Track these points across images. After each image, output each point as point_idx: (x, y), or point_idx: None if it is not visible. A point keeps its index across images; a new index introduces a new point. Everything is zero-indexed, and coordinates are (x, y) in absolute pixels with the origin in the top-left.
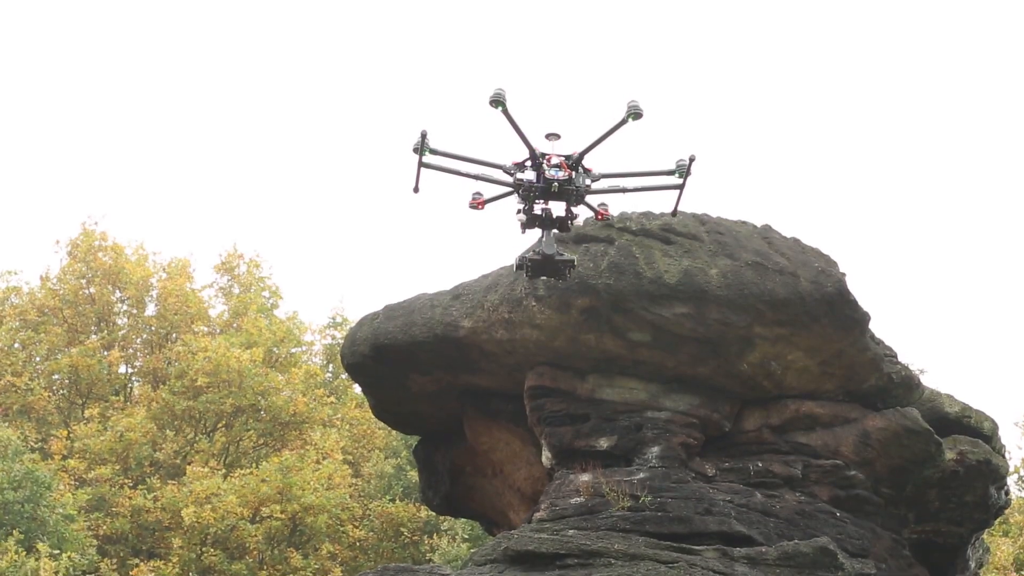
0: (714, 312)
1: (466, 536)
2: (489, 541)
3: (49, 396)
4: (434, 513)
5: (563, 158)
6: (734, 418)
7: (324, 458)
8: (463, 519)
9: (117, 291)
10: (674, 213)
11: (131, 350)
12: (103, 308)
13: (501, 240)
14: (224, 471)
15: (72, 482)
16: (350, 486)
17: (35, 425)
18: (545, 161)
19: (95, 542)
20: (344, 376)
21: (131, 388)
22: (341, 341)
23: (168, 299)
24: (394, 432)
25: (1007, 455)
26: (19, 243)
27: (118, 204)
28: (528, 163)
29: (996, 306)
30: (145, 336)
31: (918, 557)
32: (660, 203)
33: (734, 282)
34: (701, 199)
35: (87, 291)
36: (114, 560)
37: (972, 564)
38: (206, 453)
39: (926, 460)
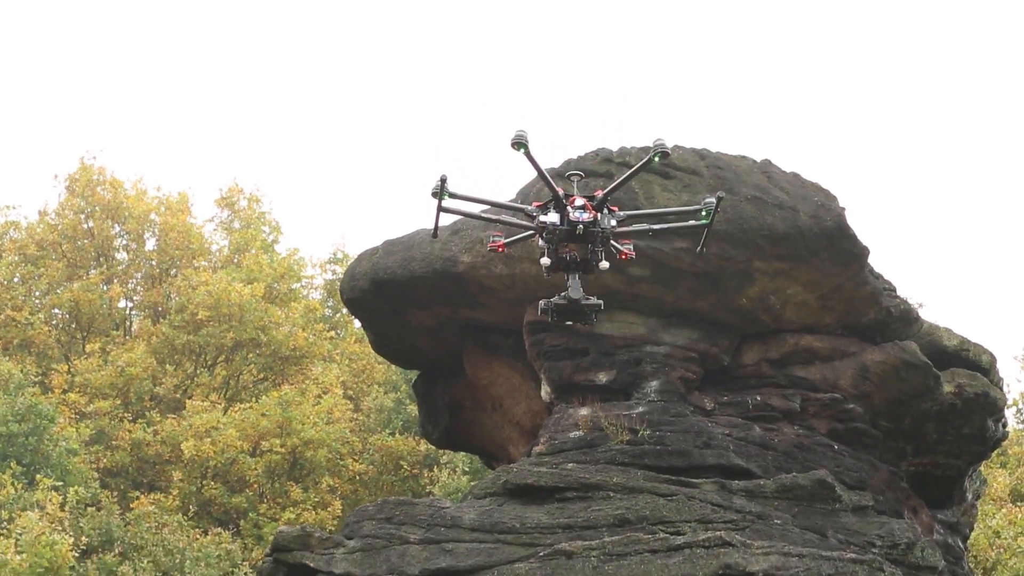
0: (714, 247)
1: (466, 469)
2: (489, 474)
3: (49, 330)
4: (434, 447)
5: (587, 199)
6: (733, 352)
7: (324, 392)
8: (462, 453)
9: (116, 226)
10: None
11: (131, 285)
12: (102, 243)
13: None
14: (224, 405)
15: (72, 416)
16: (350, 420)
17: (35, 359)
18: (569, 203)
19: (96, 475)
20: (344, 311)
21: (131, 323)
22: (342, 276)
23: (169, 234)
24: (394, 367)
25: (1005, 388)
26: (17, 177)
27: (117, 138)
28: (551, 204)
29: (996, 239)
30: (145, 271)
31: (915, 489)
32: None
33: (734, 216)
34: (700, 134)
35: (86, 226)
36: (115, 493)
37: (969, 495)
38: (206, 387)
39: (924, 393)
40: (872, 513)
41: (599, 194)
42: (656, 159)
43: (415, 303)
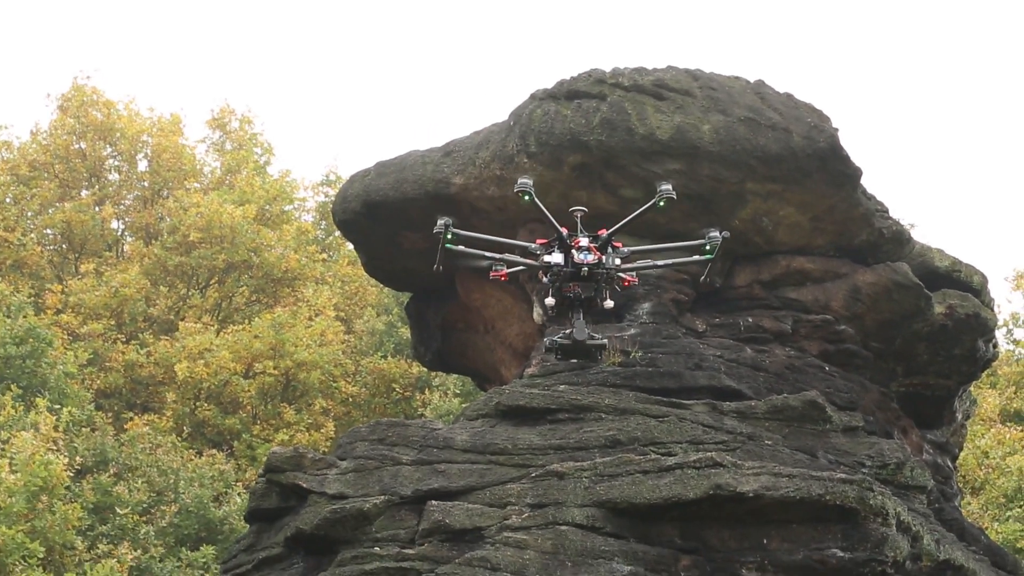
0: (706, 168)
1: (458, 391)
2: (481, 396)
3: (42, 251)
4: (426, 369)
5: (591, 239)
6: (725, 274)
7: (316, 315)
8: (455, 375)
9: (108, 147)
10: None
11: (123, 206)
12: (95, 164)
13: (494, 96)
14: (217, 327)
15: (66, 336)
16: (342, 342)
17: (28, 280)
18: (573, 243)
19: (90, 396)
20: (336, 233)
21: (124, 244)
22: (334, 198)
23: (161, 155)
24: (386, 289)
25: (996, 308)
26: (9, 97)
27: (109, 58)
28: (555, 243)
29: (988, 160)
30: (137, 192)
31: (906, 409)
32: (653, 58)
33: (726, 138)
34: (694, 55)
35: (78, 146)
36: (109, 414)
37: (959, 416)
38: (199, 309)
39: (915, 314)
40: (862, 433)
41: (603, 233)
42: (661, 203)
43: (407, 225)
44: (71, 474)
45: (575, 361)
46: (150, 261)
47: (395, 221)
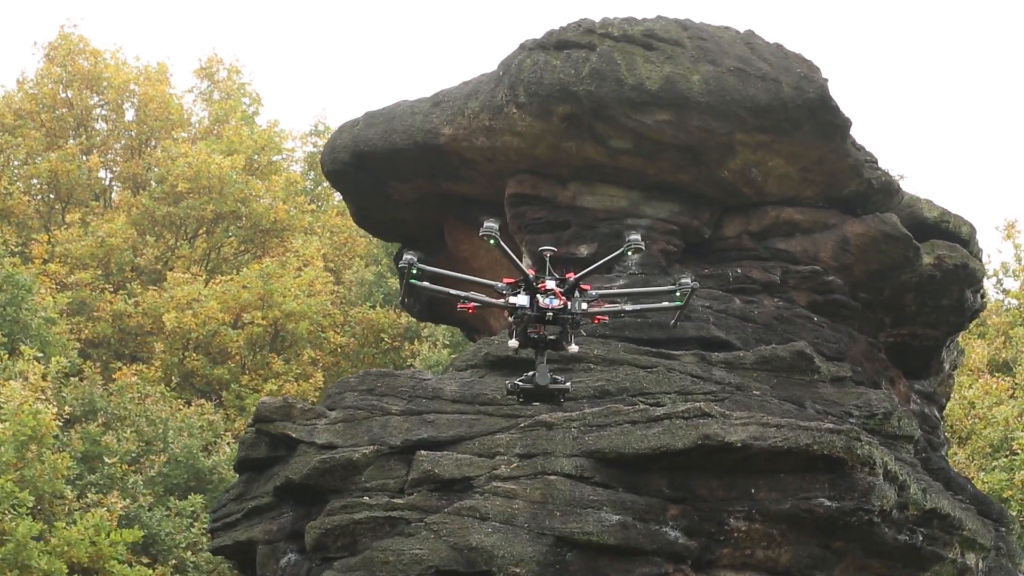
0: (696, 119)
1: (447, 342)
2: (470, 347)
3: (28, 200)
4: (415, 319)
5: (557, 282)
6: (714, 225)
7: (305, 265)
8: (444, 325)
9: (95, 96)
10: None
11: (110, 155)
12: (81, 113)
13: (483, 47)
14: (205, 277)
15: (53, 286)
16: (331, 293)
17: (15, 229)
18: (539, 286)
19: (77, 345)
20: (325, 184)
21: (111, 194)
22: (323, 149)
23: (148, 104)
24: (375, 239)
25: (985, 258)
26: None
27: (96, 7)
28: (522, 284)
29: (977, 110)
30: (124, 142)
31: (893, 360)
32: (642, 7)
33: (716, 88)
34: (683, 5)
35: (65, 95)
36: (97, 363)
37: (947, 366)
38: (187, 259)
39: (904, 265)
40: (850, 384)
41: (571, 277)
42: (629, 252)
43: (396, 176)
44: (60, 423)
45: (536, 403)
46: (138, 211)
47: (384, 171)
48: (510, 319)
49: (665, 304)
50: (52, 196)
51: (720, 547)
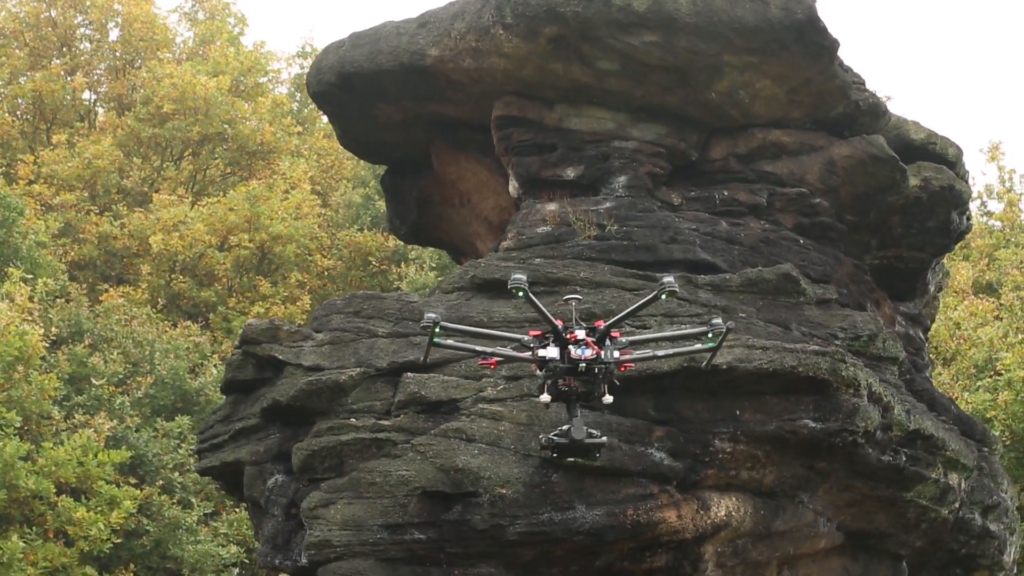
0: (683, 40)
1: (433, 265)
2: (456, 270)
3: (12, 121)
4: (402, 242)
5: (588, 332)
6: (701, 147)
7: (292, 188)
8: (430, 248)
9: (79, 15)
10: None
11: (95, 76)
12: (65, 32)
13: None
14: (191, 199)
15: (39, 207)
16: (318, 216)
17: (0, 150)
18: (570, 337)
19: (64, 267)
20: (312, 106)
21: (96, 115)
22: (308, 70)
23: (132, 24)
24: (362, 162)
25: (970, 181)
26: None
27: None
28: (549, 335)
29: (963, 32)
30: (109, 62)
31: (879, 282)
32: None
33: (703, 9)
34: None
35: (48, 14)
36: (83, 285)
37: (932, 288)
38: (173, 181)
39: (890, 187)
40: (835, 306)
41: (600, 325)
42: (663, 297)
43: (382, 97)
44: (47, 345)
45: (571, 460)
46: (123, 132)
47: (370, 93)
48: (539, 373)
49: (698, 346)
50: (37, 117)
51: (705, 468)
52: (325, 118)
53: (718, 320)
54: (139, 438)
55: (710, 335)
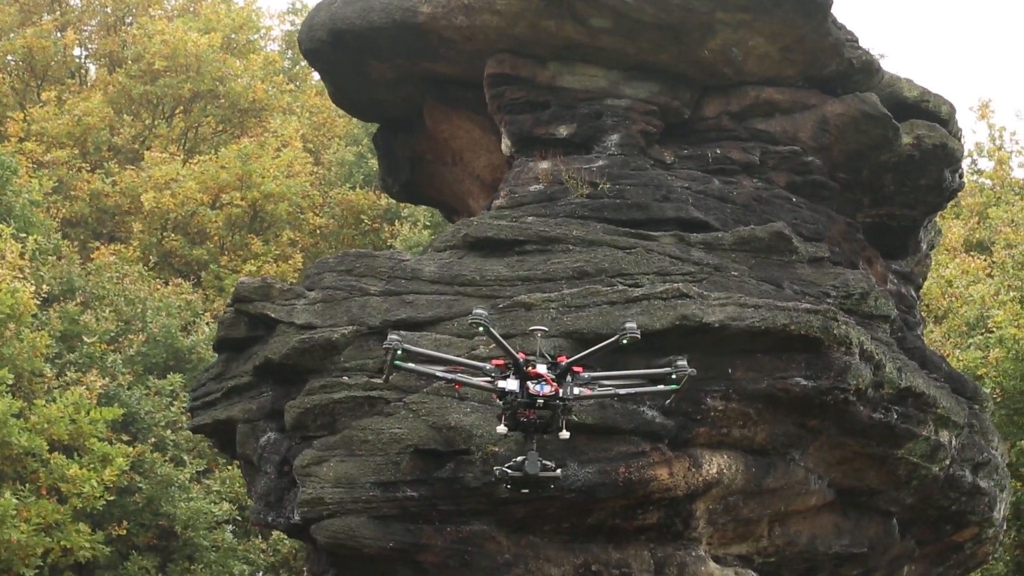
0: None
1: (426, 223)
2: (449, 228)
3: (3, 78)
4: (394, 200)
5: (549, 368)
6: (694, 105)
7: (284, 146)
8: (423, 206)
9: None
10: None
11: (86, 32)
12: None
13: None
14: (183, 157)
15: (29, 165)
16: (310, 174)
17: None
18: (530, 371)
19: (56, 225)
20: (303, 63)
21: (87, 71)
22: (300, 27)
23: None
24: (354, 120)
25: (963, 139)
26: None
27: None
28: (511, 367)
29: None
30: (100, 18)
31: (871, 240)
32: None
33: None
34: None
35: None
36: (75, 243)
37: (924, 246)
38: (165, 138)
39: (883, 145)
40: (828, 264)
41: (562, 361)
42: (624, 342)
43: (374, 55)
44: (38, 302)
45: (525, 491)
46: (114, 89)
47: (362, 50)
48: (499, 402)
49: (660, 387)
50: (27, 73)
51: (697, 426)
52: (317, 75)
53: (682, 362)
54: (131, 396)
55: (674, 376)
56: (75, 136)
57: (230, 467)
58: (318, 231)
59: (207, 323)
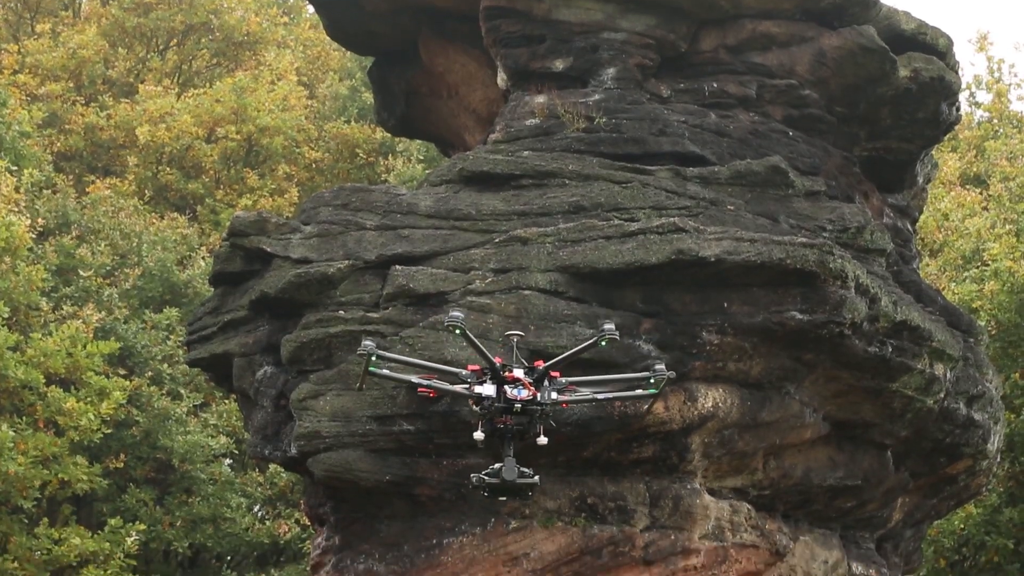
0: None
1: (421, 157)
2: (444, 162)
3: None
4: (389, 134)
5: (525, 372)
6: (690, 39)
7: (279, 79)
8: (418, 141)
9: None
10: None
11: None
12: None
13: None
14: (177, 90)
15: (23, 97)
16: (305, 107)
17: None
18: (507, 376)
19: (50, 159)
20: None
21: (80, 4)
22: None
23: None
24: (349, 53)
25: (960, 71)
26: None
27: None
28: (488, 372)
29: None
30: None
31: (868, 174)
32: None
33: None
34: None
35: None
36: (70, 177)
37: (920, 179)
38: (158, 72)
39: (880, 78)
40: (824, 198)
41: (539, 366)
42: (602, 343)
43: None
44: (33, 236)
45: (503, 499)
46: (108, 22)
47: None
48: (475, 408)
49: (639, 392)
50: (21, 5)
51: (692, 360)
52: (311, 8)
53: (661, 366)
54: (128, 329)
55: (652, 380)
56: (69, 69)
57: (227, 401)
58: (313, 165)
59: (203, 257)
